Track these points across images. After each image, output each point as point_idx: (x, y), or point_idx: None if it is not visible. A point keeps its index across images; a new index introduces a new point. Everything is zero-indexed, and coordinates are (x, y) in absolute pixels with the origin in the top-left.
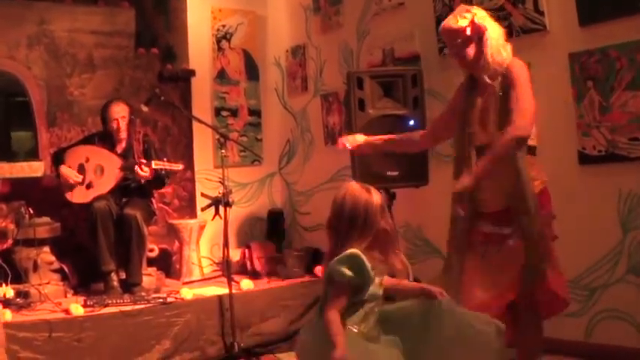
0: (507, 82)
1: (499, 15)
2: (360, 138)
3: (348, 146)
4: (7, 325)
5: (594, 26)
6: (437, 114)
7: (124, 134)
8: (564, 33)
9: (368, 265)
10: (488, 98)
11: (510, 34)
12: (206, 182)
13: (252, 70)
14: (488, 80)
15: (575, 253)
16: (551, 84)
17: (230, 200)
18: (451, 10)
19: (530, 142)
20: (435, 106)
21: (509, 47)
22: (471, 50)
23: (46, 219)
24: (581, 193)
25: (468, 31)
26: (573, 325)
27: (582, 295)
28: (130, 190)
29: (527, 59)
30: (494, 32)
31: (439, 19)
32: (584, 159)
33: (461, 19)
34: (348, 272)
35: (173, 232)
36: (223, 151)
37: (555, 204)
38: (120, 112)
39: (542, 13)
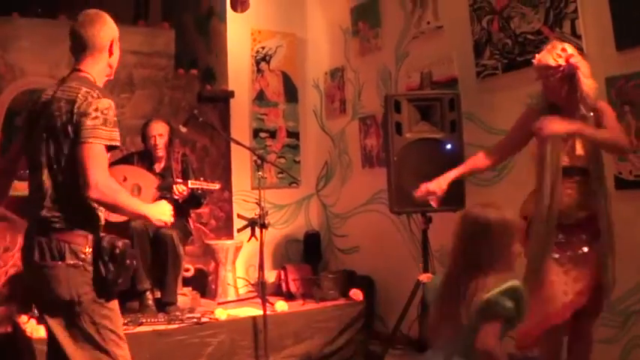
0: (601, 119)
1: (536, 39)
2: (443, 183)
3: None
4: (40, 342)
5: (631, 51)
6: (474, 138)
7: (161, 152)
8: (601, 57)
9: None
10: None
11: None
12: (243, 203)
13: (290, 92)
14: (585, 112)
15: None
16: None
17: (266, 222)
18: (489, 34)
19: None
20: (472, 129)
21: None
22: (564, 86)
23: None
24: (618, 217)
25: (563, 69)
26: (607, 352)
27: (617, 321)
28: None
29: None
30: (586, 70)
31: (477, 43)
32: (621, 184)
33: (558, 58)
34: (511, 305)
35: (209, 253)
36: (261, 172)
37: None
38: (159, 129)
39: (579, 37)
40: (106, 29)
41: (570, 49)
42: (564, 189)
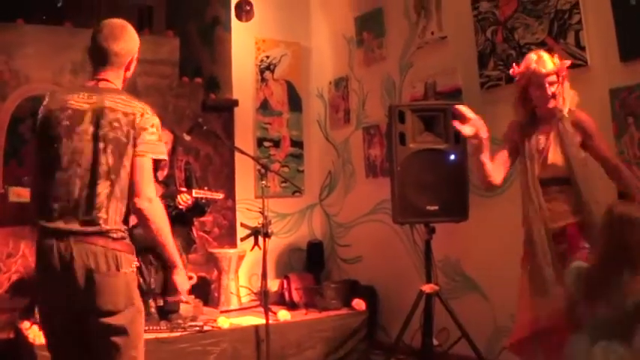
0: (583, 129)
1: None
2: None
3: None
4: (42, 348)
5: (635, 62)
6: None
7: (165, 161)
8: (605, 68)
9: None
10: (553, 136)
11: None
12: (246, 212)
13: (294, 101)
14: (564, 124)
15: None
16: (593, 119)
17: (269, 231)
18: (493, 44)
19: None
20: None
21: None
22: (559, 89)
23: None
24: None
25: (562, 76)
26: None
27: None
28: (170, 217)
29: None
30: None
31: (481, 54)
32: (624, 194)
33: (556, 60)
34: None
35: (212, 261)
36: (264, 181)
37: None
38: (162, 137)
39: (583, 49)
40: (130, 46)
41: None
42: (549, 200)
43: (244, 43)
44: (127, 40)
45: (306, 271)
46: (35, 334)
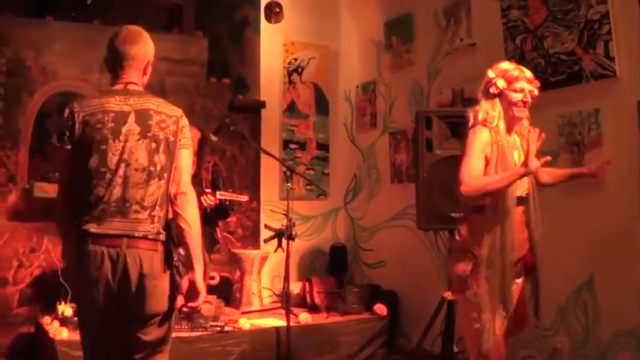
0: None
1: (569, 59)
2: None
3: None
4: (62, 343)
5: None
6: None
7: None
8: (634, 80)
9: None
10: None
11: (580, 79)
12: (271, 214)
13: (322, 104)
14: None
15: (634, 302)
16: (619, 131)
17: (293, 233)
18: (522, 53)
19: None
20: None
21: None
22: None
23: None
24: None
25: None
26: None
27: (638, 345)
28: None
29: (596, 105)
30: None
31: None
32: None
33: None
34: None
35: (235, 262)
36: (289, 184)
37: (617, 254)
38: None
39: (612, 59)
40: (146, 49)
41: None
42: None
43: (273, 45)
44: (143, 44)
45: (329, 275)
46: (56, 330)
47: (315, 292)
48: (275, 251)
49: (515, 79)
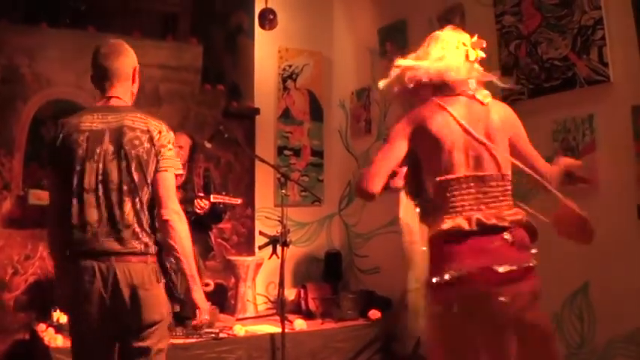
0: None
1: (563, 65)
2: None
3: None
4: (57, 350)
5: None
6: None
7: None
8: (628, 85)
9: None
10: None
11: (574, 84)
12: (266, 220)
13: (316, 110)
14: None
15: (629, 308)
16: (614, 136)
17: (288, 240)
18: (516, 58)
19: None
20: None
21: None
22: None
23: None
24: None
25: None
26: None
27: (636, 352)
28: (189, 223)
29: (590, 110)
30: None
31: (504, 68)
32: None
33: None
34: None
35: (230, 268)
36: (284, 190)
37: (612, 260)
38: (180, 141)
39: (606, 65)
40: (129, 59)
41: None
42: None
43: (267, 52)
44: (125, 56)
45: (324, 281)
46: (50, 337)
47: (309, 299)
48: (270, 258)
49: None
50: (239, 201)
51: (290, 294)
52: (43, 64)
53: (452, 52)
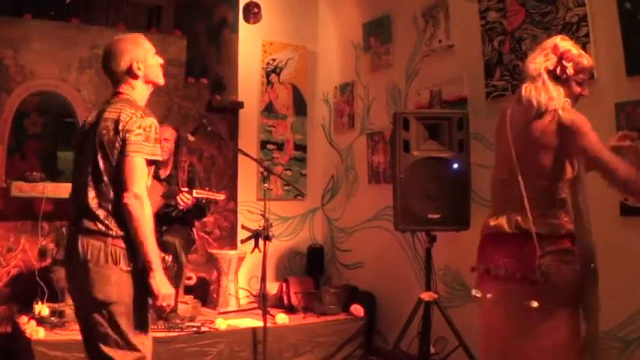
0: None
1: None
2: None
3: None
4: (39, 343)
5: None
6: (481, 158)
7: (165, 156)
8: (611, 83)
9: None
10: None
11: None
12: (248, 214)
13: (299, 105)
14: None
15: (612, 304)
16: (598, 133)
17: (270, 234)
18: (500, 55)
19: None
20: (479, 149)
21: None
22: None
23: None
24: (622, 244)
25: None
26: None
27: (617, 348)
28: (171, 217)
29: (574, 108)
30: None
31: (488, 64)
32: (627, 210)
33: None
34: None
35: (212, 262)
36: (267, 184)
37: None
38: (165, 134)
39: None
40: (125, 57)
41: None
42: None
43: (251, 45)
44: (118, 55)
45: (306, 275)
46: (32, 329)
47: (292, 293)
48: (252, 252)
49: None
50: (222, 196)
51: (272, 288)
52: (27, 56)
53: None
